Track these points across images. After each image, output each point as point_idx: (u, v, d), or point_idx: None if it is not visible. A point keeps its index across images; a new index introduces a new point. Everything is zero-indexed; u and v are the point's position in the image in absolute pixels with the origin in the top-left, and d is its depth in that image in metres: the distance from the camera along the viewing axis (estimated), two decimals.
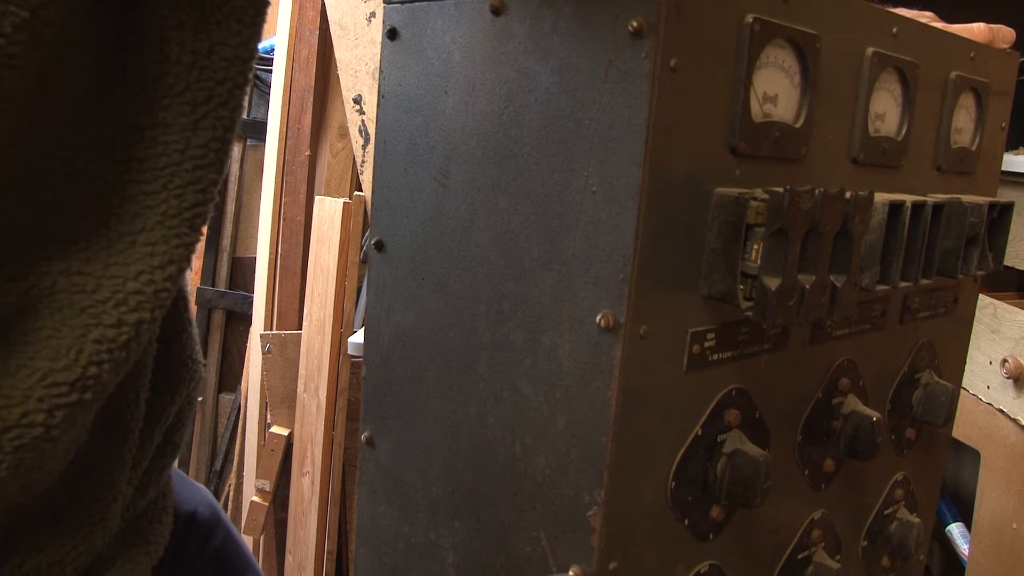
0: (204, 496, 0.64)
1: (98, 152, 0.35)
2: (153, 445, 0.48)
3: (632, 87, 0.37)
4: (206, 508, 0.62)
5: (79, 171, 0.35)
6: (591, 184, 0.39)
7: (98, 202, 0.35)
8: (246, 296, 2.20)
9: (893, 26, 0.51)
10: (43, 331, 0.34)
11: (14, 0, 0.28)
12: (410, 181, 0.48)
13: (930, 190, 0.58)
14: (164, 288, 0.36)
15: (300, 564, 1.79)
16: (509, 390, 0.44)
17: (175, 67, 0.35)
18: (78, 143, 0.35)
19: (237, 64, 0.36)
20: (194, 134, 0.36)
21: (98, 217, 0.35)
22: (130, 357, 0.36)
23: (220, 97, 0.36)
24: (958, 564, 1.28)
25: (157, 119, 0.35)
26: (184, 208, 0.36)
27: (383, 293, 0.50)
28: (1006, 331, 1.11)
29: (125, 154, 0.35)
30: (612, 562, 0.41)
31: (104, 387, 0.35)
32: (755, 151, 0.43)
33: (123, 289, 0.35)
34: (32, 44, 0.29)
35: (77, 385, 0.34)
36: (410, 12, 0.47)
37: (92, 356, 0.34)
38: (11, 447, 0.33)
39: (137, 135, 0.35)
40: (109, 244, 0.35)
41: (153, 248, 0.35)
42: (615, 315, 0.39)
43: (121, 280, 0.35)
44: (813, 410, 0.52)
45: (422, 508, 0.49)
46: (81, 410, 0.35)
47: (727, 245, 0.41)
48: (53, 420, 0.34)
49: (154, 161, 0.35)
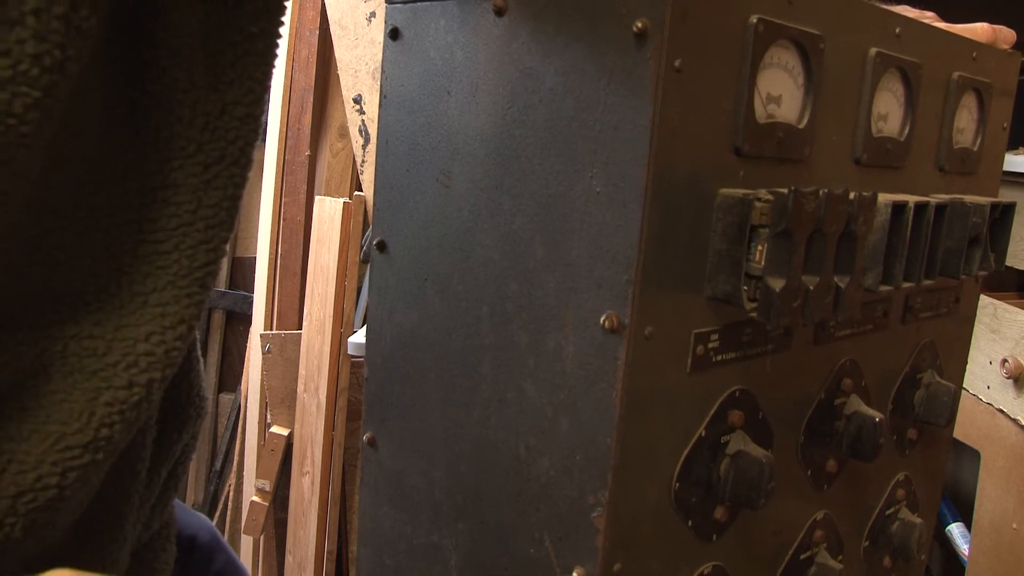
0: (204, 523, 0.64)
1: (110, 212, 0.34)
2: (160, 482, 0.48)
3: (636, 88, 0.37)
4: (206, 533, 0.63)
5: (90, 231, 0.34)
6: (595, 185, 0.39)
7: (109, 263, 0.35)
8: (246, 296, 2.20)
9: (896, 26, 0.51)
10: (55, 395, 0.34)
11: (25, 81, 0.28)
12: (412, 181, 0.48)
13: (932, 190, 0.58)
14: (175, 348, 0.35)
15: (300, 564, 1.79)
16: (513, 391, 0.44)
17: (187, 129, 0.35)
18: (90, 204, 0.34)
19: (249, 122, 0.36)
20: (206, 194, 0.35)
21: (109, 277, 0.35)
22: (140, 415, 0.36)
23: (232, 156, 0.36)
24: (958, 564, 1.28)
25: (169, 180, 0.35)
26: (195, 268, 0.36)
27: (385, 294, 0.50)
28: (1006, 331, 1.12)
29: (137, 215, 0.35)
30: (616, 563, 0.41)
31: (116, 446, 0.35)
32: (759, 152, 0.43)
33: (134, 351, 0.34)
34: (44, 122, 0.29)
35: (90, 447, 0.34)
36: (412, 12, 0.47)
37: (104, 418, 0.34)
38: (25, 510, 0.33)
39: (149, 196, 0.35)
40: (120, 305, 0.35)
41: (164, 308, 0.35)
42: (619, 316, 0.39)
43: (132, 342, 0.34)
44: (816, 411, 0.52)
45: (425, 509, 0.49)
46: (94, 469, 0.35)
47: (731, 246, 0.41)
48: (66, 481, 0.33)
49: (166, 222, 0.35)
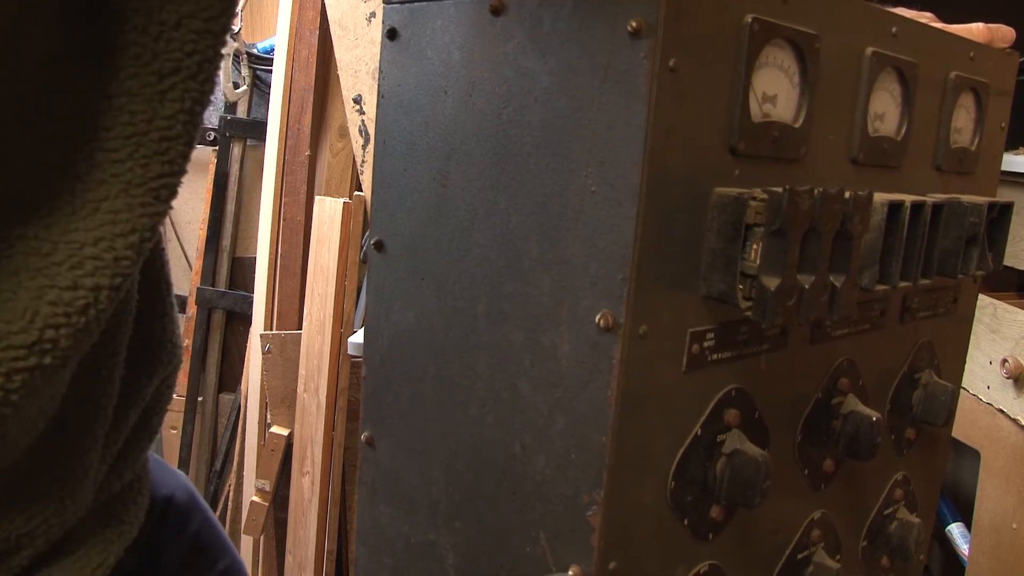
0: (181, 481, 0.64)
1: (67, 117, 0.35)
2: (128, 425, 0.48)
3: (631, 87, 0.37)
4: (183, 493, 0.62)
5: (48, 136, 0.35)
6: (590, 184, 0.39)
7: (64, 169, 0.35)
8: (246, 296, 2.20)
9: (892, 26, 0.51)
10: (1, 294, 0.34)
11: None
12: (410, 181, 0.48)
13: (930, 190, 0.58)
14: (125, 256, 0.36)
15: (300, 564, 1.79)
16: (508, 390, 0.44)
17: (142, 36, 0.35)
18: (49, 108, 0.35)
19: (207, 38, 0.36)
20: (161, 105, 0.36)
21: (63, 184, 0.35)
22: (90, 325, 0.36)
23: (188, 70, 0.36)
24: (958, 564, 1.28)
25: (124, 88, 0.35)
26: (149, 178, 0.36)
27: (383, 293, 0.50)
28: (1006, 331, 1.12)
29: (93, 122, 0.35)
30: (612, 562, 0.41)
31: (63, 353, 0.35)
32: (754, 151, 0.43)
33: (80, 254, 0.35)
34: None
35: (35, 349, 0.34)
36: (410, 12, 0.47)
37: (49, 319, 0.34)
38: None
39: (104, 104, 0.35)
40: (72, 211, 0.35)
41: (116, 216, 0.35)
42: (614, 315, 0.39)
43: (79, 245, 0.35)
44: (813, 410, 0.52)
45: (422, 508, 0.49)
46: (41, 376, 0.35)
47: (726, 245, 0.41)
48: (12, 385, 0.34)
49: (120, 130, 0.35)
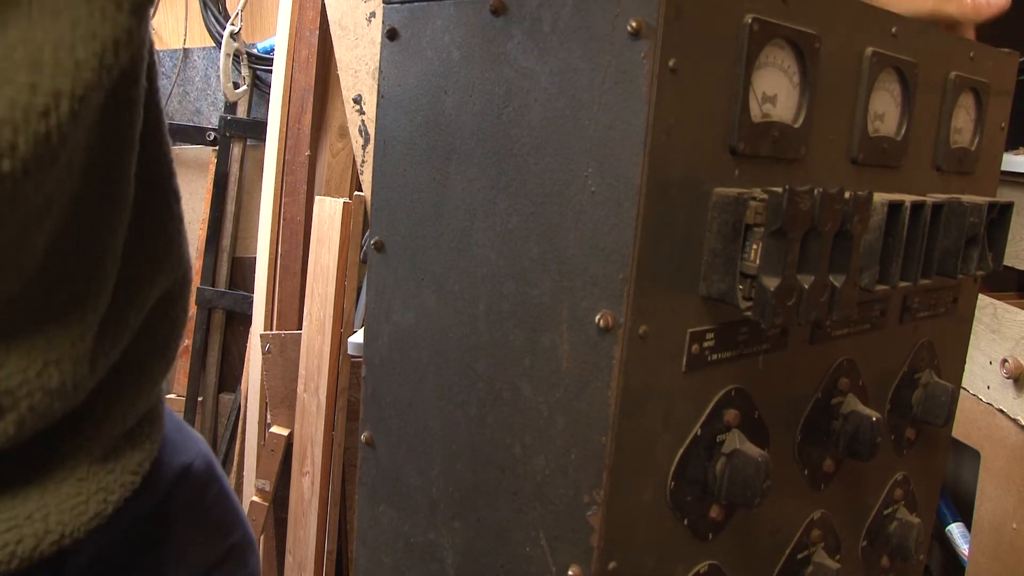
0: (201, 449, 0.62)
1: None
2: (127, 328, 0.48)
3: (631, 87, 0.37)
4: (202, 462, 0.61)
5: None
6: (590, 184, 0.39)
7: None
8: (246, 296, 2.20)
9: (892, 26, 0.51)
10: None
11: None
12: (409, 181, 0.48)
13: (929, 190, 0.58)
14: (86, 63, 0.35)
15: (300, 564, 1.79)
16: (508, 390, 0.44)
17: None
18: None
19: None
20: None
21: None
22: (51, 135, 0.35)
23: None
24: (958, 564, 1.28)
25: None
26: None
27: (383, 293, 0.50)
28: (1006, 331, 1.12)
29: None
30: (612, 562, 0.41)
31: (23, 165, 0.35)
32: (754, 151, 0.43)
33: (39, 58, 0.35)
34: None
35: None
36: (409, 12, 0.47)
37: (5, 119, 0.34)
38: None
39: None
40: (29, 16, 0.35)
41: (75, 21, 0.35)
42: (614, 315, 0.39)
43: (37, 48, 0.35)
44: (812, 410, 0.52)
45: (422, 508, 0.49)
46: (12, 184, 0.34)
47: (726, 245, 0.41)
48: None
49: None
